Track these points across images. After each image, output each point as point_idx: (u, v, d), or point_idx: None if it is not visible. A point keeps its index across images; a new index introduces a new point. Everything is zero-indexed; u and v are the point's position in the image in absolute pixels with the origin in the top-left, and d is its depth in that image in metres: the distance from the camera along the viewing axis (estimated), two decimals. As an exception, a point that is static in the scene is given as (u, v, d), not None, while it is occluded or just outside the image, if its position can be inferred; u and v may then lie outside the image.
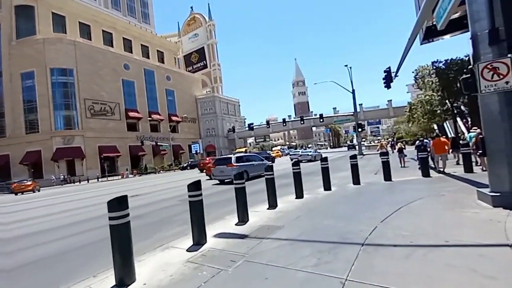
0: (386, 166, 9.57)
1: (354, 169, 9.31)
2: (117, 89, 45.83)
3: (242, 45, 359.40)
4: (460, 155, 12.62)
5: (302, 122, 37.31)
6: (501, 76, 4.72)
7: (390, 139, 52.68)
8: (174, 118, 55.28)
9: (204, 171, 23.73)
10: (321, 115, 34.39)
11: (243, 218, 5.55)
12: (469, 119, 25.74)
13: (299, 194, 7.66)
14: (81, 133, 39.84)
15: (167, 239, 5.09)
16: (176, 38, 76.42)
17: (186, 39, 77.02)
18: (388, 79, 17.18)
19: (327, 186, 8.47)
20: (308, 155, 29.85)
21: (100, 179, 36.20)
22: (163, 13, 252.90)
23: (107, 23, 51.32)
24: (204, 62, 74.15)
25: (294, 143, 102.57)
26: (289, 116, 66.91)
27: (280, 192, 8.91)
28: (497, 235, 3.43)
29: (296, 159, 31.24)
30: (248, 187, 11.86)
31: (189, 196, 4.43)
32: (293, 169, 7.88)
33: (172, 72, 59.68)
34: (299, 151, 36.29)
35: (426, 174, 9.46)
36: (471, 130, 17.81)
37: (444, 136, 18.87)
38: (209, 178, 18.70)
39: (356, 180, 9.16)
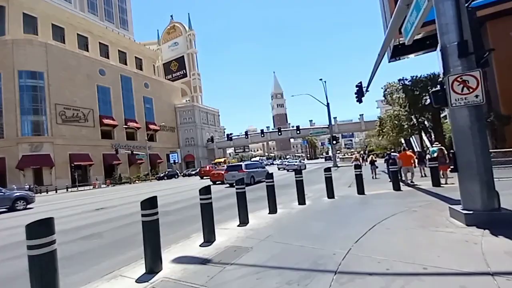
0: (359, 180, 9.43)
1: (329, 182, 9.04)
2: (92, 95, 43.39)
3: (222, 57, 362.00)
4: (426, 168, 13.40)
5: (279, 133, 37.38)
6: (471, 90, 4.63)
7: (361, 152, 54.32)
8: (151, 126, 53.27)
9: (206, 177, 28.14)
10: (297, 127, 34.67)
11: (209, 238, 4.92)
12: (432, 134, 27.01)
13: (273, 209, 7.17)
14: (50, 140, 36.85)
15: (121, 264, 4.35)
16: (155, 46, 74.90)
17: (166, 47, 75.73)
18: (359, 94, 17.56)
19: (301, 200, 8.07)
20: (294, 164, 33.83)
21: (70, 189, 33.42)
22: (143, 21, 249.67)
23: (82, 27, 49.04)
24: (184, 71, 73.03)
25: (272, 154, 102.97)
26: (267, 127, 67.33)
27: (255, 206, 8.42)
28: (476, 260, 3.13)
29: (283, 168, 32.04)
30: (224, 200, 11.27)
31: (142, 216, 3.76)
32: (266, 182, 7.42)
33: (151, 80, 57.91)
34: (286, 161, 40.50)
35: (397, 188, 9.42)
36: (433, 145, 18.91)
37: (410, 150, 19.58)
38: (212, 183, 20.47)
39: (330, 194, 8.88)
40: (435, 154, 11.37)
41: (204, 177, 30.20)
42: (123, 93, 49.45)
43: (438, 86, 5.12)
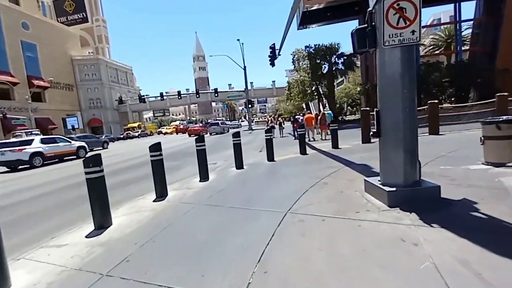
0: (269, 145, 8.01)
1: (237, 150, 7.20)
2: None
3: (141, 16, 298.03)
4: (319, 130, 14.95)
5: (197, 95, 33.40)
6: (408, 22, 3.19)
7: (273, 115, 56.52)
8: (37, 82, 38.85)
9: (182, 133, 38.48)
10: (215, 90, 31.54)
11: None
12: (326, 101, 28.92)
13: (160, 193, 4.80)
14: None
15: None
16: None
17: (56, -21, 54.62)
18: (273, 56, 16.06)
19: (203, 175, 5.95)
20: (236, 124, 44.85)
21: None
22: None
23: None
24: (84, 14, 54.85)
25: (194, 118, 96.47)
26: (187, 89, 60.59)
27: (145, 185, 5.93)
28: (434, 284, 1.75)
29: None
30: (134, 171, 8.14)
31: None
32: (151, 156, 4.84)
33: (33, 19, 40.73)
34: (230, 123, 46.72)
35: (303, 151, 8.55)
36: (325, 110, 20.42)
37: (309, 112, 20.62)
38: (188, 136, 29.04)
39: (238, 163, 7.10)
40: (319, 117, 13.65)
41: (180, 133, 40.59)
42: (-16, 34, 33.29)
43: (365, 23, 3.56)
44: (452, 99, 19.87)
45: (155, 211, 4.07)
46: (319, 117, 13.70)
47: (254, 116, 79.05)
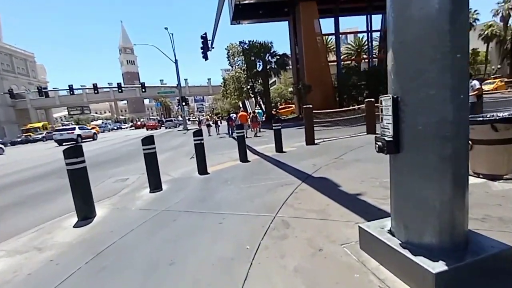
0: (200, 152, 5.56)
1: (151, 163, 4.41)
2: None
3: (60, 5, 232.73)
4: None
5: (120, 90, 26.95)
6: None
7: (210, 114, 53.28)
8: None
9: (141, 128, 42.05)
10: (143, 84, 26.06)
11: None
12: (261, 100, 27.76)
13: None
14: None
15: None
16: None
17: None
18: (205, 47, 13.38)
19: (83, 212, 3.01)
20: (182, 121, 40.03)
21: None
22: None
23: None
24: None
25: (123, 117, 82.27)
26: (109, 83, 50.05)
27: None
28: None
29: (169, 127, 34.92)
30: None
31: None
32: None
33: None
34: (178, 120, 43.93)
35: (244, 158, 6.37)
36: (256, 108, 19.30)
37: (242, 110, 19.61)
38: (146, 130, 34.62)
39: (154, 182, 4.35)
40: (251, 115, 13.53)
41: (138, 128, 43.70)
42: None
43: None
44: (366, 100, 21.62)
45: None
46: (251, 115, 13.92)
47: (191, 115, 72.92)
